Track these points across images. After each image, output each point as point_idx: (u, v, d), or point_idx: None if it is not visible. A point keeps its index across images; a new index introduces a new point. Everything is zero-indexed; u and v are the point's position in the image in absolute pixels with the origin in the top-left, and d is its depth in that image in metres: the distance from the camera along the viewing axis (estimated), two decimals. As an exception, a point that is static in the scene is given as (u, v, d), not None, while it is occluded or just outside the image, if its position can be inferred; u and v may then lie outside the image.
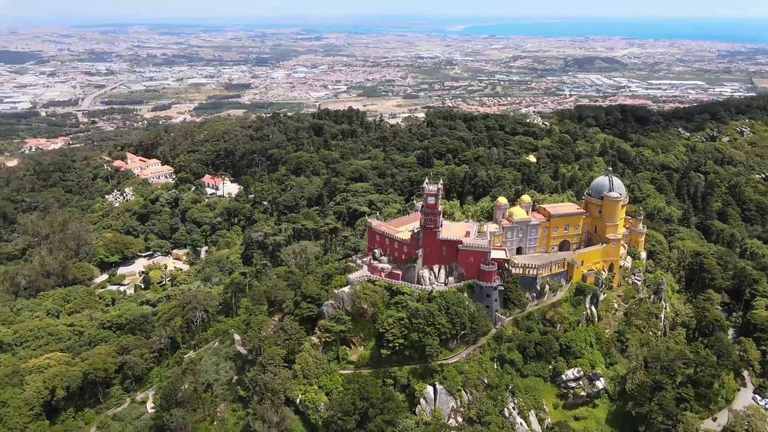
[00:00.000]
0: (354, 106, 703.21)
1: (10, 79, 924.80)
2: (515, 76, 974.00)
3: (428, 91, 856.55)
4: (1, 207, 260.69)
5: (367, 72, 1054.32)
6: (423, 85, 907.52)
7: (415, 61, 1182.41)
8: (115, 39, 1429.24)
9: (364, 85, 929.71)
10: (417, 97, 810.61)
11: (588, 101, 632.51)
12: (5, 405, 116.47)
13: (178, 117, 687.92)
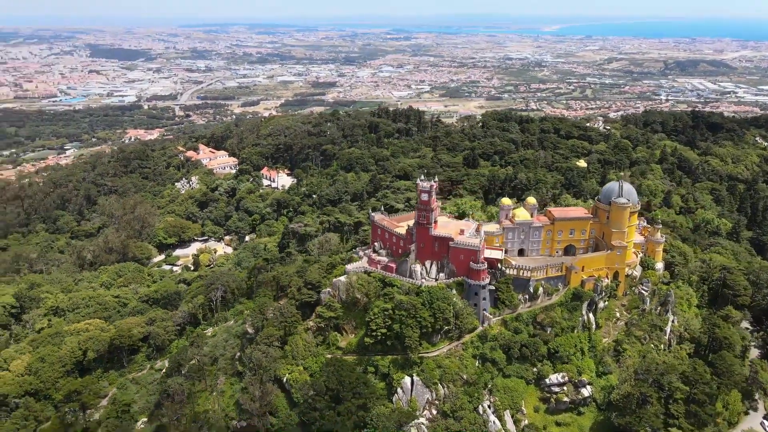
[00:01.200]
0: (435, 107, 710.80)
1: (121, 75, 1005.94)
2: (608, 79, 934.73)
3: (513, 93, 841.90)
4: (86, 189, 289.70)
5: (453, 72, 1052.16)
6: (508, 86, 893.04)
7: (503, 62, 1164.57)
8: (216, 38, 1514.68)
9: (448, 85, 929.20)
10: (500, 98, 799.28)
11: (686, 107, 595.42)
12: (43, 360, 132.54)
13: (264, 112, 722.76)
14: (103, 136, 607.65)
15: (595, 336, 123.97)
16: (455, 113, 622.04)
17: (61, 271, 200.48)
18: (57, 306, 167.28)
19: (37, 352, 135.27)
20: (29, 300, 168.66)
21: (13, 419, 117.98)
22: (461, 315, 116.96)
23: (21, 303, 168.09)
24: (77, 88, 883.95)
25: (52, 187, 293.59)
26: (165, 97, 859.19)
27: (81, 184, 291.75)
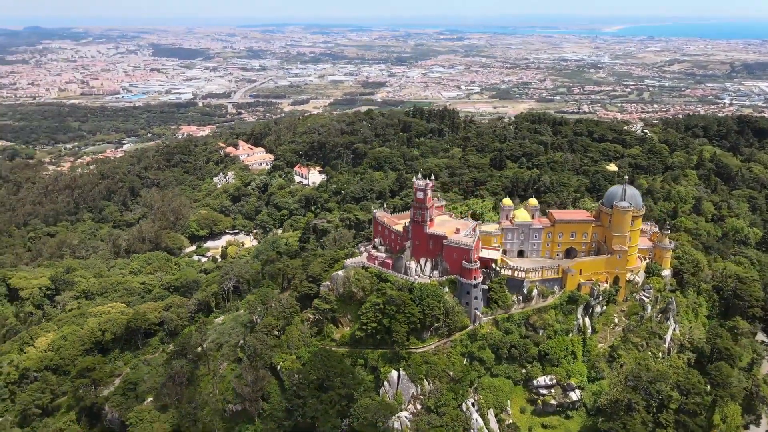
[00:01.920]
0: (483, 108, 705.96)
1: (180, 73, 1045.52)
2: (668, 82, 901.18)
3: (565, 95, 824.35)
4: (131, 181, 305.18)
5: (504, 73, 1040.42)
6: (561, 88, 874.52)
7: (557, 64, 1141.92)
8: (272, 38, 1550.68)
9: (499, 86, 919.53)
10: (552, 100, 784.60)
11: (752, 111, 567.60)
12: (65, 339, 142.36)
13: (313, 111, 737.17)
14: (158, 132, 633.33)
15: (590, 341, 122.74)
16: (504, 115, 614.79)
17: (97, 257, 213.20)
18: (88, 289, 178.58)
19: (61, 330, 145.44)
20: (64, 283, 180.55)
21: (29, 391, 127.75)
22: (451, 313, 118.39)
23: (56, 285, 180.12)
24: (138, 85, 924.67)
25: (99, 178, 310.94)
26: (219, 95, 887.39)
27: (126, 177, 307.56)
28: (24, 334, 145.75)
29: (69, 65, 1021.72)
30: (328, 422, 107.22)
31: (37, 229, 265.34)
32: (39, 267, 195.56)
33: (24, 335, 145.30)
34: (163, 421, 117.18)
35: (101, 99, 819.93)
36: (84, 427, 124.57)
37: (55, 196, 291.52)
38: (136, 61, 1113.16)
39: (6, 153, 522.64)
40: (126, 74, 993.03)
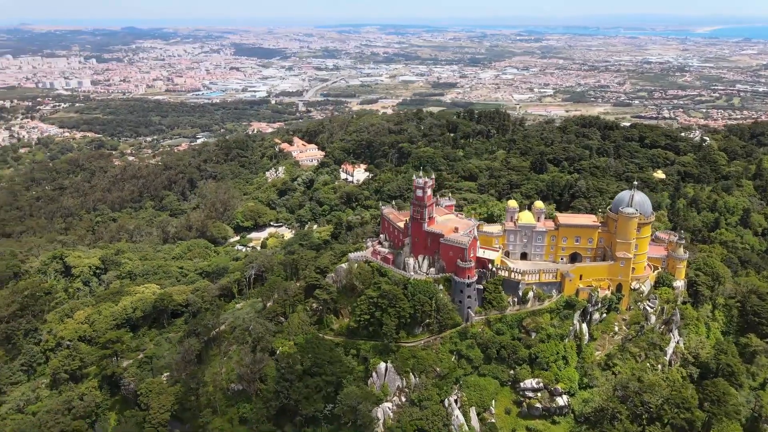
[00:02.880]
0: (555, 111, 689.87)
1: (257, 72, 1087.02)
2: (762, 87, 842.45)
3: (645, 99, 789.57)
4: (190, 173, 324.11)
5: (581, 76, 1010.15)
6: (641, 92, 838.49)
7: (640, 66, 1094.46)
8: (347, 38, 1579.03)
9: (574, 89, 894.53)
10: (630, 105, 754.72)
11: None
12: (99, 313, 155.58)
13: (380, 110, 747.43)
14: (230, 128, 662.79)
15: (587, 348, 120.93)
16: (555, 118, 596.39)
17: (147, 242, 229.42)
18: (132, 271, 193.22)
19: (98, 306, 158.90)
20: (112, 263, 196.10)
21: (60, 357, 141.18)
22: (443, 310, 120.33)
23: (105, 265, 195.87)
24: (218, 83, 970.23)
25: (163, 169, 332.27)
26: (292, 93, 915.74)
27: (186, 168, 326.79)
28: (66, 307, 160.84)
29: (157, 63, 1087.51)
30: (311, 406, 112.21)
31: (104, 214, 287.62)
32: (94, 248, 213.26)
33: (66, 308, 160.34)
34: (170, 394, 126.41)
35: (183, 96, 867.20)
36: (105, 394, 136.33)
37: (122, 185, 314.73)
38: (218, 60, 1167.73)
39: (93, 144, 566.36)
40: (208, 72, 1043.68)
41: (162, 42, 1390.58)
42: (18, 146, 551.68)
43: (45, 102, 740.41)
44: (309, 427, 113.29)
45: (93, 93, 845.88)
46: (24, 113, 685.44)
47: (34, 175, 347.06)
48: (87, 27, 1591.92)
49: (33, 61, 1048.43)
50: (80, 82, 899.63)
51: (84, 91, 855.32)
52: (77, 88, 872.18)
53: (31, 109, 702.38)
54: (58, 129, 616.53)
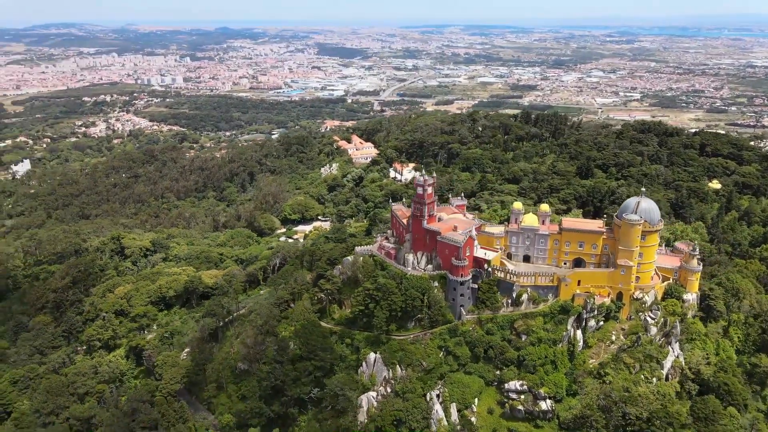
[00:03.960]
0: (640, 116, 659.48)
1: (337, 71, 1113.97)
2: None
3: (744, 105, 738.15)
4: (251, 167, 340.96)
5: (673, 80, 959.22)
6: (740, 98, 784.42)
7: (742, 70, 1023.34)
8: (430, 39, 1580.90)
9: (664, 94, 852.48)
10: (725, 111, 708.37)
11: None
12: (137, 290, 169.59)
13: (455, 111, 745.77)
14: (304, 125, 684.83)
15: (580, 355, 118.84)
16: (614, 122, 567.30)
17: (197, 229, 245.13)
18: (177, 254, 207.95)
19: (137, 283, 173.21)
20: (161, 246, 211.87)
21: (94, 327, 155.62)
22: (434, 306, 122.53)
23: (155, 248, 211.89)
24: (299, 81, 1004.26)
25: (227, 162, 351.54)
26: (368, 92, 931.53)
27: (248, 162, 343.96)
28: (109, 283, 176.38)
29: (244, 62, 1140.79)
30: (298, 388, 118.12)
31: (169, 201, 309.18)
32: (149, 232, 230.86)
33: (109, 283, 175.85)
34: (181, 367, 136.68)
35: (265, 93, 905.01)
36: (130, 363, 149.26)
37: (188, 175, 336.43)
38: (302, 59, 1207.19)
39: (177, 137, 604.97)
40: (290, 71, 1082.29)
41: (251, 42, 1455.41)
42: (112, 137, 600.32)
43: (140, 97, 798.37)
44: (295, 408, 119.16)
45: (184, 89, 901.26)
46: (121, 107, 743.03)
47: (113, 164, 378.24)
48: (185, 27, 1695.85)
49: (135, 59, 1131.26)
50: (174, 79, 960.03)
51: (176, 88, 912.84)
52: (170, 85, 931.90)
53: (128, 104, 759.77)
54: (148, 122, 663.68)
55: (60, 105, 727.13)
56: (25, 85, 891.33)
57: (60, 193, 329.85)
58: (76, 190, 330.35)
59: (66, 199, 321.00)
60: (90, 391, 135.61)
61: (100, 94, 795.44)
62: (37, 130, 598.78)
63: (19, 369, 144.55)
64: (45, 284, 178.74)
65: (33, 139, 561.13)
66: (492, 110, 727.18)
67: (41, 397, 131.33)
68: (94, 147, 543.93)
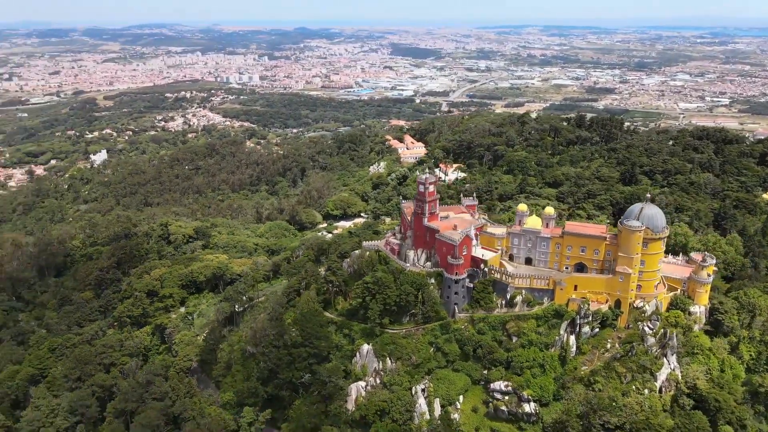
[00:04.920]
0: (726, 123, 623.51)
1: (408, 71, 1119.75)
2: None
3: None
4: (302, 163, 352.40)
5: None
6: None
7: None
8: (506, 40, 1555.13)
9: (756, 99, 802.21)
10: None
11: None
12: (170, 273, 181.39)
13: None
14: (369, 124, 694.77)
15: (572, 360, 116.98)
16: (751, 133, 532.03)
17: (241, 220, 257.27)
18: (216, 242, 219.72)
19: (171, 267, 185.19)
20: (203, 235, 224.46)
21: (125, 304, 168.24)
22: (428, 302, 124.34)
23: (197, 235, 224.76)
24: (370, 81, 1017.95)
25: (281, 157, 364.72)
26: (438, 93, 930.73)
27: (300, 158, 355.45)
28: (148, 265, 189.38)
29: (319, 61, 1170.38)
30: (290, 372, 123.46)
31: (224, 193, 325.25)
32: (195, 220, 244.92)
33: (147, 265, 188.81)
34: (195, 346, 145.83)
35: (336, 92, 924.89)
36: (156, 339, 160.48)
37: (244, 169, 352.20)
38: (375, 59, 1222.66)
39: (247, 132, 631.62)
40: (362, 71, 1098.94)
41: (327, 41, 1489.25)
42: (187, 131, 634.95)
43: (217, 94, 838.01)
44: (287, 391, 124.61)
45: (259, 87, 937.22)
46: (199, 103, 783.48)
47: (178, 156, 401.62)
48: (266, 28, 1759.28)
49: (216, 58, 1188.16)
50: (250, 77, 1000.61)
51: (252, 86, 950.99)
52: (247, 83, 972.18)
53: (205, 100, 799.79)
54: (221, 118, 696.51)
55: (145, 100, 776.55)
56: (117, 81, 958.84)
57: (128, 181, 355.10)
58: (142, 179, 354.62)
59: (133, 187, 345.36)
60: (115, 362, 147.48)
61: (181, 90, 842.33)
62: (122, 123, 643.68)
63: (58, 338, 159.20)
64: (93, 263, 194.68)
65: (117, 132, 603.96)
66: (564, 113, 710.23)
67: (71, 364, 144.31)
68: (170, 140, 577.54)
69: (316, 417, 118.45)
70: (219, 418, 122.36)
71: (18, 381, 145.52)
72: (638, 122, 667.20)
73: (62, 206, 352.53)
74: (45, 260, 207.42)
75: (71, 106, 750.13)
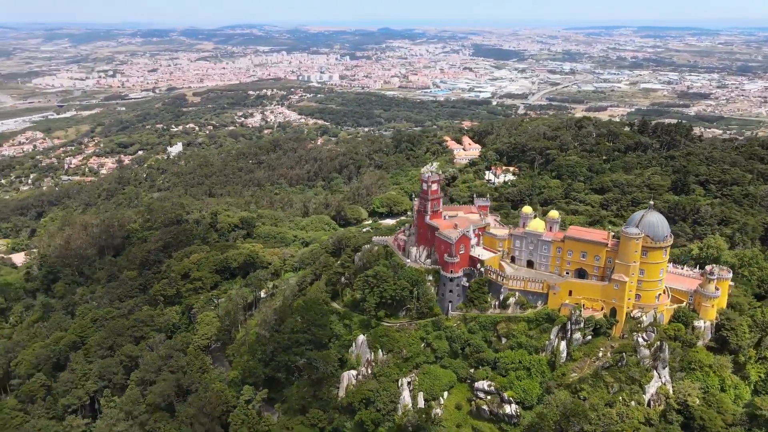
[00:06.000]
0: None
1: (488, 73, 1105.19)
2: None
3: None
4: (359, 160, 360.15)
5: None
6: None
7: None
8: (595, 41, 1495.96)
9: None
10: None
11: None
12: (207, 259, 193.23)
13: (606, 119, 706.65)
14: (441, 125, 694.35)
15: (562, 366, 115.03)
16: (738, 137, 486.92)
17: (287, 213, 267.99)
18: (259, 232, 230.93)
19: (209, 253, 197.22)
20: (247, 225, 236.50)
21: (160, 284, 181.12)
22: (422, 299, 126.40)
23: (242, 225, 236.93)
24: (447, 82, 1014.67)
25: (339, 154, 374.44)
26: (516, 95, 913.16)
27: (357, 156, 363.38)
28: (188, 249, 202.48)
29: (399, 62, 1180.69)
30: (287, 356, 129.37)
31: (281, 187, 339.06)
32: (244, 211, 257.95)
33: (188, 250, 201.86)
34: (213, 326, 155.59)
35: (412, 92, 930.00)
36: (184, 318, 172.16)
37: (303, 165, 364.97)
38: (455, 59, 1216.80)
39: (319, 130, 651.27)
40: (441, 71, 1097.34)
41: (409, 42, 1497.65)
42: (264, 127, 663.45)
43: (296, 92, 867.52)
44: (283, 373, 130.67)
45: (338, 86, 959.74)
46: (278, 101, 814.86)
47: (244, 150, 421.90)
48: (350, 28, 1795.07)
49: (300, 57, 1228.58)
50: (330, 76, 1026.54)
51: (332, 84, 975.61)
52: (327, 82, 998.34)
53: (284, 98, 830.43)
54: (297, 115, 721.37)
55: (229, 97, 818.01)
56: (206, 79, 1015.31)
57: (197, 173, 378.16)
58: (209, 171, 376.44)
59: (200, 178, 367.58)
60: (144, 335, 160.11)
61: (263, 88, 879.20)
62: (205, 118, 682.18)
63: (100, 310, 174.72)
64: (144, 245, 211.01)
65: (199, 126, 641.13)
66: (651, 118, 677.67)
67: (105, 334, 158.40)
68: (246, 135, 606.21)
69: (306, 400, 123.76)
70: (221, 394, 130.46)
71: (61, 346, 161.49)
72: (733, 130, 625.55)
73: (139, 193, 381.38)
74: (105, 241, 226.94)
75: (163, 102, 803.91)
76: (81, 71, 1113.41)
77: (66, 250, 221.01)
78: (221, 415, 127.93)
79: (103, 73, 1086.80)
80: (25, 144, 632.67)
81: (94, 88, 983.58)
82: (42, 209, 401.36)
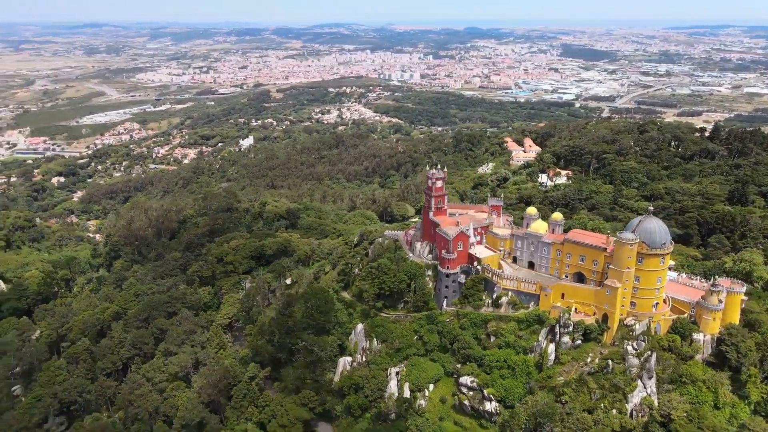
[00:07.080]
0: None
1: (575, 74, 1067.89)
2: None
3: None
4: (416, 159, 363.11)
5: None
6: None
7: None
8: (697, 41, 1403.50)
9: None
10: None
11: None
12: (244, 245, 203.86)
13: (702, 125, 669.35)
14: (515, 126, 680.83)
15: (549, 369, 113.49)
16: None
17: (336, 207, 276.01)
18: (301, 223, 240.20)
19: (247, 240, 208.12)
20: (292, 216, 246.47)
21: (196, 266, 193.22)
22: (419, 292, 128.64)
23: (288, 216, 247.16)
24: (530, 82, 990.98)
25: (398, 152, 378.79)
26: (602, 98, 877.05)
27: (415, 154, 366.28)
28: (230, 235, 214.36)
29: (482, 61, 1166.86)
30: (286, 338, 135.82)
31: (339, 182, 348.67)
32: (293, 203, 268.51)
33: (230, 236, 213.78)
34: (235, 307, 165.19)
35: (492, 93, 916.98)
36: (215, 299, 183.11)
37: (362, 161, 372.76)
38: (541, 60, 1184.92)
39: (393, 128, 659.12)
40: (525, 72, 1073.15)
41: (495, 41, 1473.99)
42: (339, 124, 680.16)
43: (374, 90, 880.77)
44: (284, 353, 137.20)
45: (417, 86, 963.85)
46: (356, 98, 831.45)
47: (307, 145, 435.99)
48: (436, 27, 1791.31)
49: (384, 56, 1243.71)
50: (411, 75, 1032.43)
51: (412, 83, 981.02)
52: (407, 81, 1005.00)
53: (363, 96, 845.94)
54: (372, 113, 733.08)
55: (309, 94, 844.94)
56: (292, 76, 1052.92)
57: (263, 165, 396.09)
58: (273, 164, 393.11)
59: (265, 170, 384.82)
60: (176, 311, 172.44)
61: (343, 86, 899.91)
62: (284, 113, 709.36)
63: (143, 286, 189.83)
64: (192, 230, 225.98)
65: (277, 121, 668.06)
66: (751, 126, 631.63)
67: (142, 307, 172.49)
68: (321, 131, 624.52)
69: (301, 381, 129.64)
70: (227, 369, 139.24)
71: (106, 315, 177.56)
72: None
73: (210, 183, 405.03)
74: (162, 224, 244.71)
75: (248, 97, 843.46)
76: (179, 67, 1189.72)
77: (128, 231, 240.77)
78: (227, 388, 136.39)
79: (197, 70, 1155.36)
80: (123, 134, 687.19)
81: (188, 83, 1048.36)
82: (129, 194, 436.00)
